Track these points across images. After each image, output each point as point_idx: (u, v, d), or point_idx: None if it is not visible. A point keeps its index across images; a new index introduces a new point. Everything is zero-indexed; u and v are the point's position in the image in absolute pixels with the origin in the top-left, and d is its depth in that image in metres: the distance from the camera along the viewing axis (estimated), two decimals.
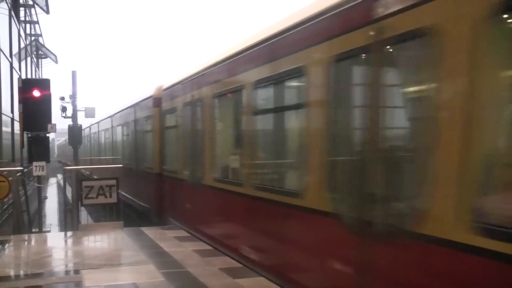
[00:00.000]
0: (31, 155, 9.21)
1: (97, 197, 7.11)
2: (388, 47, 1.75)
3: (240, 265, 4.46)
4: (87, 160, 15.25)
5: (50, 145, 10.14)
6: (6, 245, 6.07)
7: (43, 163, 9.06)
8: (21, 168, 8.06)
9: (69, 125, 15.38)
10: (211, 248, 5.39)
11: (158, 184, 7.60)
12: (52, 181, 28.83)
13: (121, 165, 8.05)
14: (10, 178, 7.01)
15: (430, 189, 1.66)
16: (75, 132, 14.95)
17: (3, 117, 9.00)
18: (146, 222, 7.79)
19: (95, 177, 9.75)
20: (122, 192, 7.78)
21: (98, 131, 18.95)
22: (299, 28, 2.25)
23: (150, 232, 6.98)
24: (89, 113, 16.88)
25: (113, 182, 7.21)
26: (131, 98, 10.00)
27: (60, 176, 31.62)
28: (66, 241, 6.78)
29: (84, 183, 7.17)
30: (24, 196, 8.33)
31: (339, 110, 2.04)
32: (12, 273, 4.79)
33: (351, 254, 2.14)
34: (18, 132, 9.89)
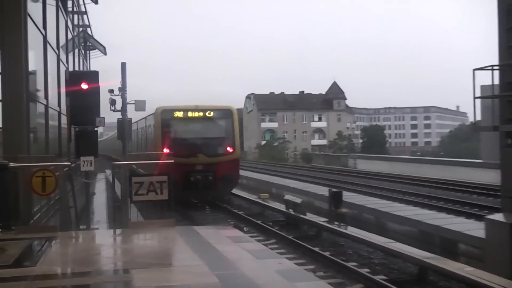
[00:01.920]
0: (78, 150, 9.59)
1: (147, 194, 7.30)
2: None
3: (298, 267, 4.54)
4: (134, 156, 15.51)
5: (98, 139, 10.51)
6: (53, 242, 6.29)
7: (91, 158, 9.40)
8: (68, 163, 8.46)
9: (118, 119, 16.10)
10: (267, 248, 5.54)
11: None
12: (100, 176, 30.45)
13: (173, 161, 8.23)
14: (57, 173, 7.36)
15: None
16: (124, 126, 15.61)
17: (50, 110, 9.48)
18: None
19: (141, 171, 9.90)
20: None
21: (137, 128, 21.13)
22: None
23: (203, 231, 7.06)
24: (140, 106, 17.39)
25: (164, 178, 7.37)
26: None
27: (108, 172, 32.73)
28: (115, 238, 6.99)
29: (134, 179, 7.36)
30: (71, 192, 8.75)
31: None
32: (59, 271, 4.95)
33: None
34: (65, 126, 10.43)
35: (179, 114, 17.72)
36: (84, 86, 9.43)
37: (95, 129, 10.23)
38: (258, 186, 26.86)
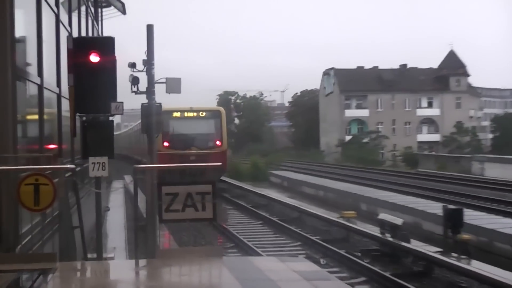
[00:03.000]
0: (86, 148, 9.73)
1: (183, 210, 7.37)
2: None
3: None
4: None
5: (114, 133, 10.63)
6: (49, 277, 6.25)
7: (104, 159, 9.49)
8: (72, 166, 8.50)
9: (142, 104, 16.40)
10: None
11: None
12: (117, 185, 31.52)
13: (220, 164, 8.36)
14: (56, 180, 7.40)
15: None
16: (151, 114, 15.87)
17: (46, 92, 9.59)
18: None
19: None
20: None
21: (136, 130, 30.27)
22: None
23: (263, 263, 7.02)
24: (173, 86, 17.77)
25: (208, 188, 7.38)
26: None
27: (128, 179, 34.10)
28: (137, 273, 7.00)
29: (165, 189, 7.40)
30: (75, 206, 8.83)
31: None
32: None
33: None
34: (68, 114, 10.53)
35: (177, 114, 29.45)
36: (94, 58, 9.52)
37: (110, 118, 10.34)
38: (340, 200, 27.14)
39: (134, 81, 15.87)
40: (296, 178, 38.91)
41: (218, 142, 30.81)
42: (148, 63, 15.68)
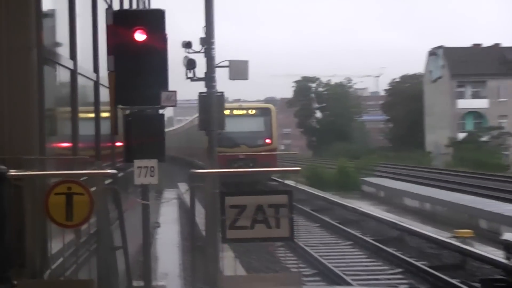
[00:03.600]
0: (130, 148, 9.95)
1: (252, 227, 7.52)
2: None
3: None
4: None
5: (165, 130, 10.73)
6: None
7: (152, 163, 9.60)
8: (113, 171, 8.56)
9: (200, 94, 16.53)
10: None
11: None
12: (169, 195, 32.13)
13: (299, 168, 8.59)
14: (93, 189, 7.53)
15: None
16: (210, 105, 15.96)
17: (80, 79, 9.72)
18: None
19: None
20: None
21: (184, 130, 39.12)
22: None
23: None
24: (238, 70, 17.87)
25: (283, 199, 7.53)
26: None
27: (183, 187, 35.21)
28: None
29: (230, 200, 7.56)
30: (117, 222, 8.88)
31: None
32: None
33: None
34: (107, 106, 10.68)
35: (226, 112, 30.84)
36: (139, 36, 9.64)
37: (160, 112, 10.44)
38: (453, 216, 26.69)
39: (190, 64, 16.02)
40: (395, 186, 38.33)
41: (268, 140, 36.42)
42: (207, 42, 15.77)
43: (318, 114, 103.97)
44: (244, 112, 36.47)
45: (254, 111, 36.90)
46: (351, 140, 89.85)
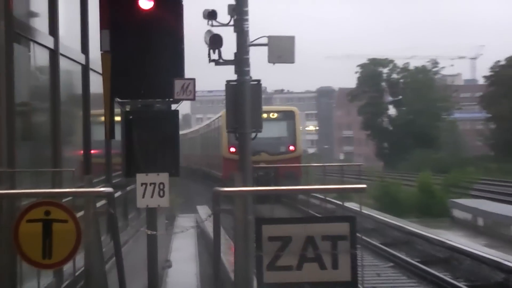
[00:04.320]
0: (131, 158, 10.06)
1: (300, 267, 7.61)
2: None
3: None
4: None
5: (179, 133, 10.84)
6: None
7: (162, 178, 9.79)
8: (107, 189, 8.58)
9: (228, 83, 16.52)
10: None
11: None
12: (184, 221, 32.19)
13: (364, 186, 8.85)
14: (80, 214, 7.66)
15: None
16: (242, 98, 15.94)
17: (63, 62, 9.78)
18: None
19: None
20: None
21: (198, 135, 54.07)
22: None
23: None
24: (281, 50, 17.79)
25: (343, 228, 7.65)
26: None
27: (204, 211, 35.57)
28: None
29: (268, 230, 7.65)
30: (114, 259, 8.89)
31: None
32: None
33: None
34: (101, 100, 10.61)
35: None
36: (145, 3, 9.83)
37: (174, 107, 10.68)
38: None
39: (214, 42, 16.01)
40: (500, 211, 37.74)
41: (291, 147, 44.22)
42: (238, 10, 15.82)
43: (392, 111, 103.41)
44: (265, 115, 39.99)
45: (276, 115, 43.02)
46: (437, 146, 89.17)
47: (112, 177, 12.30)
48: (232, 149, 45.79)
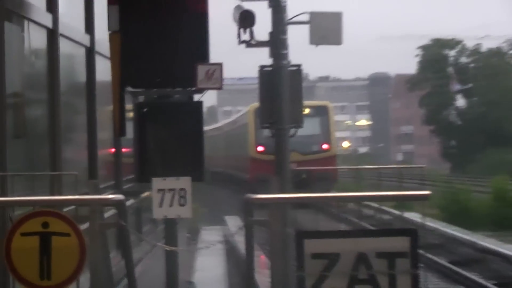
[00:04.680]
0: (145, 160, 10.21)
1: None
2: None
3: None
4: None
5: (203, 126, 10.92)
6: None
7: (183, 183, 9.88)
8: (118, 196, 8.63)
9: (261, 69, 16.56)
10: None
11: None
12: (209, 235, 32.59)
13: (428, 192, 8.82)
14: (85, 227, 7.76)
15: None
16: (278, 87, 15.99)
17: (64, 44, 9.83)
18: None
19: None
20: None
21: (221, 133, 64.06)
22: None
23: None
24: (325, 29, 17.86)
25: (402, 243, 7.74)
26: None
27: (233, 223, 35.91)
28: None
29: (311, 245, 7.74)
30: (127, 280, 8.92)
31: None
32: None
33: None
34: (109, 89, 10.66)
35: None
36: None
37: (197, 99, 10.79)
38: None
39: (245, 19, 16.02)
40: None
41: (325, 146, 48.20)
42: None
43: (460, 102, 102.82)
44: None
45: (307, 110, 42.92)
46: None
47: (122, 182, 12.37)
48: (260, 148, 49.43)
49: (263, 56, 16.19)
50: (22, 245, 7.30)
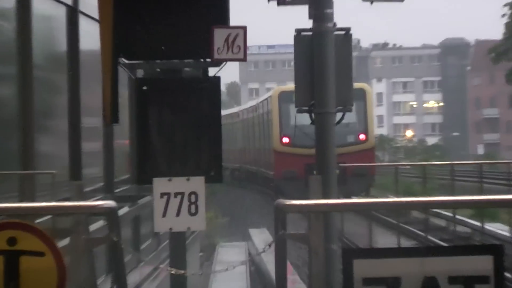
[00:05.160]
0: (144, 155, 10.26)
1: None
2: None
3: None
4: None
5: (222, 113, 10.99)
6: None
7: (195, 186, 9.99)
8: (108, 203, 8.61)
9: (297, 34, 16.66)
10: None
11: None
12: (229, 253, 32.79)
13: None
14: (65, 243, 8.05)
15: None
16: (320, 57, 16.09)
17: (37, 1, 9.83)
18: None
19: None
20: None
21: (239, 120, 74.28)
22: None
23: None
24: None
25: (483, 263, 7.83)
26: None
27: (259, 238, 36.32)
28: None
29: (361, 266, 7.84)
30: None
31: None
32: None
33: None
34: (98, 61, 10.75)
35: None
36: None
37: (212, 72, 10.87)
38: None
39: None
40: None
41: (362, 136, 51.92)
42: None
43: None
44: None
45: None
46: None
47: (114, 184, 12.40)
48: (285, 140, 52.67)
49: (301, 18, 16.19)
50: None
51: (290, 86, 38.67)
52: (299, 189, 50.20)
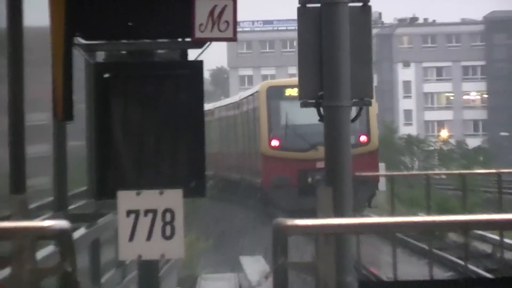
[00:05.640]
0: (106, 162, 10.43)
1: None
2: None
3: None
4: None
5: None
6: None
7: (173, 201, 10.06)
8: (58, 224, 8.68)
9: (302, 5, 16.76)
10: None
11: None
12: None
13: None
14: (4, 274, 8.17)
15: None
16: (330, 36, 16.17)
17: None
18: None
19: None
20: None
21: (221, 117, 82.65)
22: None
23: None
24: None
25: None
26: None
27: (250, 267, 36.93)
28: None
29: None
30: None
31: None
32: None
33: None
34: (47, 42, 10.79)
35: (292, 91, 54.00)
36: None
37: (192, 55, 10.92)
38: None
39: None
40: None
41: (363, 138, 56.22)
42: None
43: None
44: None
45: None
46: None
47: (68, 198, 12.47)
48: (275, 143, 56.38)
49: None
50: None
51: (280, 80, 40.20)
52: (291, 198, 54.26)
